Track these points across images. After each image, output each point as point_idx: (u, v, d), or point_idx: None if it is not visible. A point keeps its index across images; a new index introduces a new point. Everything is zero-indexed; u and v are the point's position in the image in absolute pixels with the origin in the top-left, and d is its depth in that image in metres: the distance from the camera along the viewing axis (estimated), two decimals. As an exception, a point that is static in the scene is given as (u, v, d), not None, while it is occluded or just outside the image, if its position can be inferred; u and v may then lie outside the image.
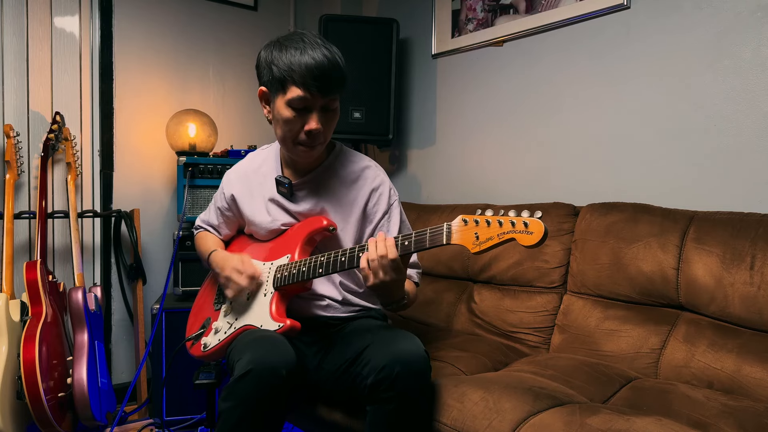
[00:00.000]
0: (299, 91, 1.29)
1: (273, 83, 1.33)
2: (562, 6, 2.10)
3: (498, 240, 1.11)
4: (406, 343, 1.23)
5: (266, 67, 1.34)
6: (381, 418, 1.22)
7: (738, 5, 1.67)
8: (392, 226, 1.52)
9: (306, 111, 1.32)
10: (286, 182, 1.47)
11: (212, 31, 2.72)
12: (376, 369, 1.20)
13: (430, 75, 2.67)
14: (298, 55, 1.27)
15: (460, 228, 1.15)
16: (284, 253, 1.45)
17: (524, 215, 1.09)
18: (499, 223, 1.11)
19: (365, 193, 1.50)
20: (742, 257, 1.47)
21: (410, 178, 2.78)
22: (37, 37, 2.26)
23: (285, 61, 1.28)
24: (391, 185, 1.54)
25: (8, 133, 2.09)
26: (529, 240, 1.08)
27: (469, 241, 1.14)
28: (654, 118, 1.87)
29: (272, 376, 1.17)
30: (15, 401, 1.78)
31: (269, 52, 1.34)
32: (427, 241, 1.19)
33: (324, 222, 1.42)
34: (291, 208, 1.49)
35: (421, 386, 1.23)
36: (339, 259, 1.31)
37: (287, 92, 1.30)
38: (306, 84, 1.27)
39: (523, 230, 1.08)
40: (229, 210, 1.60)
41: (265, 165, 1.56)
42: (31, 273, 1.91)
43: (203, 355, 1.48)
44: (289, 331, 1.32)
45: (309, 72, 1.26)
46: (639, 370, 1.58)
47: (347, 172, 1.51)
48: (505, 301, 1.94)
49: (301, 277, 1.35)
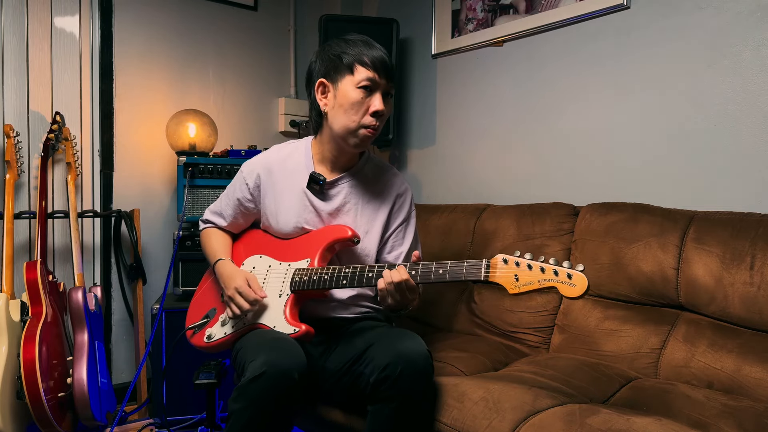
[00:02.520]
0: (369, 72, 1.39)
1: (340, 70, 1.41)
2: (562, 6, 2.10)
3: (539, 286, 1.15)
4: (409, 342, 1.24)
5: (333, 58, 1.43)
6: (383, 418, 1.22)
7: (738, 5, 1.67)
8: (407, 236, 1.56)
9: (372, 91, 1.40)
10: (321, 179, 1.47)
11: (212, 31, 2.72)
12: (379, 367, 1.20)
13: (430, 75, 2.67)
14: (367, 48, 1.42)
15: (500, 266, 1.19)
16: (304, 256, 1.44)
17: (565, 266, 1.13)
18: (541, 269, 1.15)
19: (392, 197, 1.55)
20: (742, 257, 1.47)
21: (410, 178, 2.78)
22: (37, 37, 2.26)
23: (356, 50, 1.41)
24: (412, 196, 1.61)
25: (8, 133, 2.09)
26: (571, 292, 1.11)
27: (508, 282, 1.17)
28: (654, 117, 1.87)
29: (285, 379, 1.18)
30: (15, 401, 1.78)
31: (336, 45, 1.45)
32: (463, 273, 1.22)
33: (349, 232, 1.43)
34: (319, 206, 1.49)
35: (424, 386, 1.23)
36: (366, 274, 1.33)
37: (355, 74, 1.40)
38: (375, 66, 1.40)
39: (566, 281, 1.12)
40: (251, 201, 1.57)
41: (292, 160, 1.55)
42: (31, 273, 1.91)
43: (206, 346, 1.46)
44: (303, 337, 1.32)
45: (378, 57, 1.41)
46: (639, 370, 1.58)
47: (377, 177, 1.56)
48: (505, 301, 1.94)
49: (323, 285, 1.36)
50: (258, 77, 2.88)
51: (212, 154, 2.39)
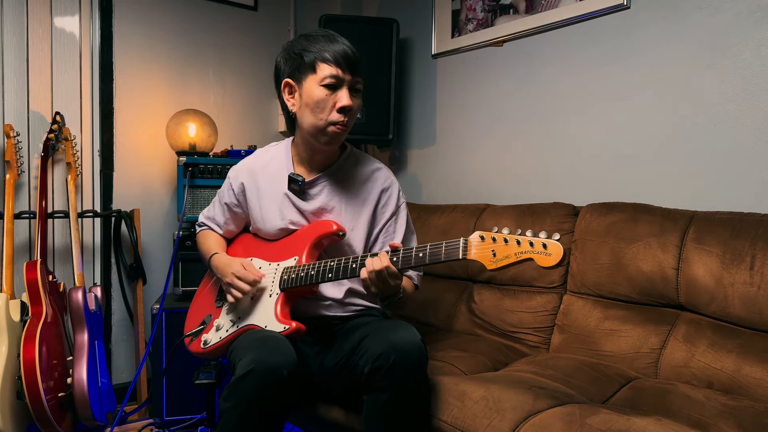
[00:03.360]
0: (332, 69, 1.36)
1: (303, 69, 1.39)
2: (562, 6, 2.10)
3: (515, 259, 1.13)
4: (402, 333, 1.25)
5: (295, 57, 1.41)
6: (377, 407, 1.24)
7: (738, 5, 1.67)
8: (398, 229, 1.54)
9: (336, 88, 1.38)
10: (299, 179, 1.47)
11: (212, 31, 2.72)
12: (373, 357, 1.22)
13: (430, 75, 2.67)
14: (328, 43, 1.39)
15: (477, 244, 1.17)
16: (291, 254, 1.45)
17: (542, 236, 1.12)
18: (516, 242, 1.13)
19: (376, 193, 1.53)
20: (742, 257, 1.47)
21: (410, 178, 2.78)
22: (37, 37, 2.26)
23: (317, 47, 1.38)
24: (399, 188, 1.58)
25: (8, 133, 2.09)
26: (547, 261, 1.10)
27: (486, 258, 1.16)
28: (654, 117, 1.87)
29: (274, 376, 1.18)
30: (15, 401, 1.78)
31: (297, 43, 1.42)
32: (442, 254, 1.21)
33: (334, 227, 1.43)
34: (302, 206, 1.49)
35: (417, 375, 1.24)
36: (350, 265, 1.32)
37: (318, 71, 1.37)
38: (337, 61, 1.37)
39: (541, 251, 1.11)
40: (238, 206, 1.59)
41: (274, 162, 1.55)
42: (31, 273, 1.91)
43: (203, 352, 1.47)
44: (294, 334, 1.32)
45: (340, 52, 1.38)
46: (639, 370, 1.58)
47: (359, 173, 1.53)
48: (505, 301, 1.94)
49: (310, 281, 1.36)
50: (258, 77, 2.88)
51: (212, 154, 2.39)
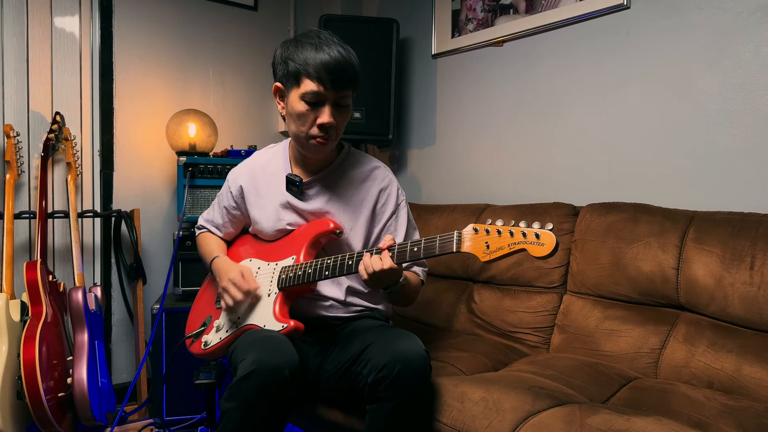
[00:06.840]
0: (313, 85, 1.31)
1: (288, 78, 1.36)
2: (562, 6, 2.10)
3: (509, 250, 1.12)
4: (406, 343, 1.24)
5: (282, 63, 1.38)
6: (381, 418, 1.23)
7: (738, 5, 1.67)
8: (399, 227, 1.54)
9: (319, 105, 1.34)
10: (297, 180, 1.47)
11: (212, 31, 2.72)
12: (377, 368, 1.20)
13: (430, 75, 2.67)
14: (314, 51, 1.31)
15: (470, 236, 1.16)
16: (290, 254, 1.45)
17: (535, 227, 1.11)
18: (510, 233, 1.12)
19: (374, 193, 1.52)
20: (742, 257, 1.47)
21: (410, 178, 2.78)
22: (37, 37, 2.26)
23: (301, 56, 1.32)
24: (398, 186, 1.56)
25: (8, 133, 2.09)
26: (540, 251, 1.09)
27: (479, 250, 1.15)
28: (654, 117, 1.87)
29: (275, 377, 1.17)
30: (15, 401, 1.78)
31: (285, 48, 1.38)
32: (437, 248, 1.20)
33: (331, 225, 1.43)
34: (300, 207, 1.49)
35: (422, 386, 1.23)
36: (346, 262, 1.32)
37: (301, 86, 1.33)
38: (320, 77, 1.30)
39: (534, 241, 1.10)
40: (237, 208, 1.59)
41: (272, 164, 1.55)
42: (31, 273, 1.91)
43: (203, 353, 1.47)
44: (292, 332, 1.32)
45: (323, 66, 1.30)
46: (639, 370, 1.58)
47: (356, 173, 1.53)
48: (505, 301, 1.94)
49: (307, 279, 1.36)
50: (258, 77, 2.88)
51: (212, 154, 2.39)
